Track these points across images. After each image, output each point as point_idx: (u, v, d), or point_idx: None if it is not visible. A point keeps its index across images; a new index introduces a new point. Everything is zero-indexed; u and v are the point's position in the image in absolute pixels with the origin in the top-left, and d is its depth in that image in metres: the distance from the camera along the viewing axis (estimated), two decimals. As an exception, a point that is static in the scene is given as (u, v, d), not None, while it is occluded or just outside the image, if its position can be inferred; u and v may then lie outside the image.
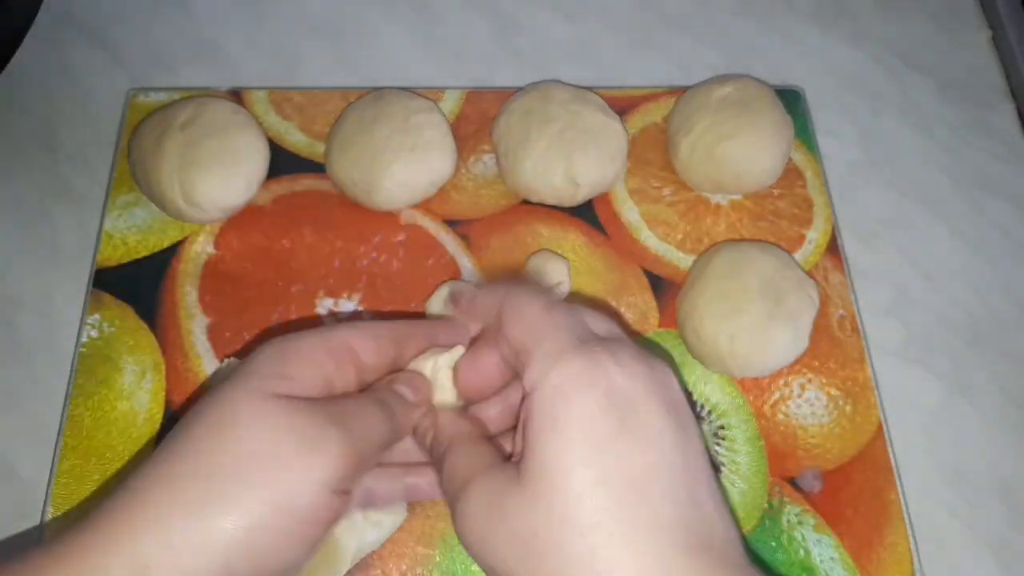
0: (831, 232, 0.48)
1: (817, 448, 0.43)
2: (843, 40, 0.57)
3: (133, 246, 0.46)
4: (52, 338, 0.45)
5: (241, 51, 0.55)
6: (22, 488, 0.41)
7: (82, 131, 0.51)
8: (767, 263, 0.43)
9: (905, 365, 0.46)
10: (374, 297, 0.45)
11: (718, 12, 0.58)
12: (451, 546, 0.40)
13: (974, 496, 0.43)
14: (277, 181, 0.48)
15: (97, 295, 0.45)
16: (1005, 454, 0.44)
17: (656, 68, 0.55)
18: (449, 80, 0.54)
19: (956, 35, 0.58)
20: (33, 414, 0.43)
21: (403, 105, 0.47)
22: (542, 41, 0.56)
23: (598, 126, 0.47)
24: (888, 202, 0.51)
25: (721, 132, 0.47)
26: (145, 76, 0.53)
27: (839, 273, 0.47)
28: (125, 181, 0.48)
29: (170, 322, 0.44)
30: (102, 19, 0.55)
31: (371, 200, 0.46)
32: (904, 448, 0.43)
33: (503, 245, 0.47)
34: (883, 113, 0.54)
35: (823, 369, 0.44)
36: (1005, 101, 0.55)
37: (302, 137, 0.50)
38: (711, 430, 0.43)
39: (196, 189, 0.44)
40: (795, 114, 0.51)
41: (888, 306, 0.48)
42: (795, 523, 0.41)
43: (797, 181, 0.50)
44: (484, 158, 0.50)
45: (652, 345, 0.45)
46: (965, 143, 0.53)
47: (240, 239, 0.47)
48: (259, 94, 0.51)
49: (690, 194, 0.49)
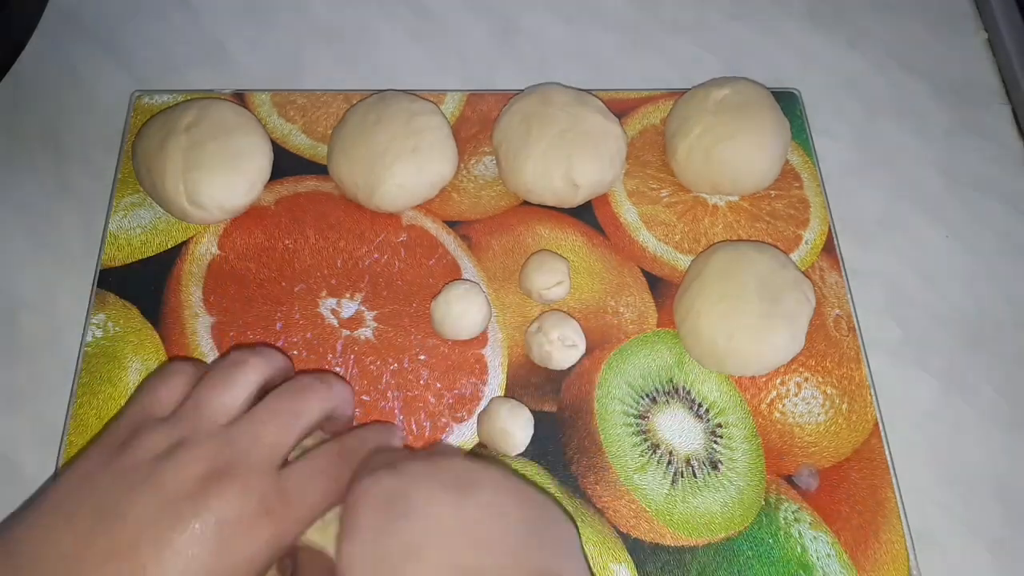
0: (827, 232, 0.49)
1: (813, 446, 0.43)
2: (840, 43, 0.57)
3: (137, 246, 0.47)
4: (57, 337, 0.46)
5: (245, 54, 0.55)
6: (27, 486, 0.42)
7: (87, 133, 0.52)
8: (764, 263, 0.44)
9: (901, 364, 0.47)
10: (376, 297, 0.46)
11: (715, 15, 0.58)
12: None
13: (969, 494, 0.44)
14: (280, 182, 0.49)
15: (102, 295, 0.45)
16: (1000, 452, 0.45)
17: (654, 71, 0.55)
18: (450, 82, 0.54)
19: (952, 37, 0.58)
20: (38, 413, 0.44)
21: (405, 107, 0.48)
22: (542, 44, 0.56)
23: (597, 128, 0.47)
24: (884, 203, 0.52)
25: (719, 134, 0.47)
26: (149, 78, 0.54)
27: (835, 273, 0.47)
28: (129, 182, 0.49)
29: (174, 321, 0.45)
30: (107, 22, 0.56)
31: (373, 201, 0.47)
32: (900, 446, 0.44)
33: (503, 245, 0.48)
34: (879, 115, 0.55)
35: (819, 368, 0.45)
36: (1000, 103, 0.55)
37: (305, 139, 0.50)
38: (709, 428, 0.43)
39: (200, 190, 0.45)
40: (792, 116, 0.51)
41: (884, 306, 0.48)
42: (792, 520, 0.41)
43: (794, 182, 0.50)
44: (485, 160, 0.50)
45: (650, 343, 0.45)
46: (960, 144, 0.54)
47: (244, 240, 0.47)
48: (262, 96, 0.52)
49: (688, 195, 0.50)
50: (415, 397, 0.43)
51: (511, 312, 0.46)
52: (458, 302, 0.43)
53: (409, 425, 0.43)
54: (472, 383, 0.44)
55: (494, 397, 0.43)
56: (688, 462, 0.42)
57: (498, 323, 0.45)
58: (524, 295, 0.46)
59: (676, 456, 0.42)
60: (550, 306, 0.46)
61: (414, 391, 0.43)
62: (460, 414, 0.43)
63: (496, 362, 0.44)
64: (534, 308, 0.46)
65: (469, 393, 0.44)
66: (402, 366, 0.44)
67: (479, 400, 0.43)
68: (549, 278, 0.45)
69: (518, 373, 0.44)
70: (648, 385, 0.44)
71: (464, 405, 0.43)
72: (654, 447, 0.42)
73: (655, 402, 0.44)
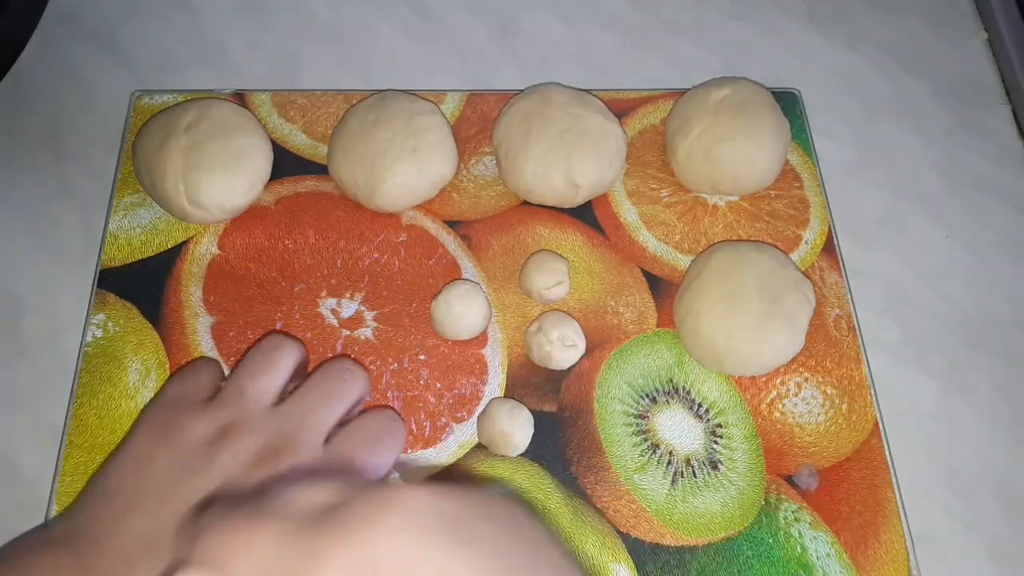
0: (827, 232, 0.49)
1: (813, 446, 0.43)
2: (840, 43, 0.57)
3: (138, 246, 0.47)
4: (57, 337, 0.46)
5: (245, 54, 0.55)
6: (26, 486, 0.42)
7: (87, 133, 0.52)
8: (764, 263, 0.44)
9: (901, 364, 0.47)
10: (376, 297, 0.46)
11: (716, 15, 0.58)
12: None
13: (969, 494, 0.44)
14: (280, 182, 0.49)
15: (102, 295, 0.45)
16: (1000, 452, 0.45)
17: (654, 71, 0.55)
18: (450, 82, 0.54)
19: (952, 37, 0.58)
20: (38, 413, 0.44)
21: (404, 107, 0.48)
22: (542, 44, 0.56)
23: (597, 128, 0.47)
24: (884, 203, 0.52)
25: (719, 134, 0.47)
26: (149, 78, 0.54)
27: (835, 273, 0.47)
28: (130, 182, 0.49)
29: (174, 321, 0.45)
30: (107, 21, 0.56)
31: (373, 201, 0.47)
32: (900, 446, 0.44)
33: (503, 245, 0.48)
34: (879, 115, 0.55)
35: (819, 368, 0.45)
36: (1000, 103, 0.55)
37: (305, 139, 0.50)
38: (709, 428, 0.43)
39: (200, 190, 0.45)
40: (792, 116, 0.51)
41: (884, 306, 0.48)
42: (792, 520, 0.41)
43: (794, 182, 0.50)
44: (485, 160, 0.50)
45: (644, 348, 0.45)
46: (960, 144, 0.54)
47: (244, 240, 0.47)
48: (262, 96, 0.52)
49: (688, 195, 0.50)
50: (415, 397, 0.43)
51: (511, 312, 0.46)
52: (458, 302, 0.43)
53: (409, 425, 0.43)
54: (472, 383, 0.44)
55: (493, 398, 0.43)
56: (688, 462, 0.42)
57: (498, 323, 0.46)
58: (524, 295, 0.46)
59: (676, 456, 0.42)
60: (550, 306, 0.46)
61: (414, 391, 0.43)
62: (460, 414, 0.43)
63: (496, 362, 0.44)
64: (534, 308, 0.46)
65: (469, 393, 0.44)
66: (402, 366, 0.44)
67: (479, 400, 0.43)
68: (549, 278, 0.45)
69: (518, 373, 0.44)
70: (648, 385, 0.44)
71: (464, 405, 0.43)
72: (654, 447, 0.42)
73: (655, 402, 0.44)
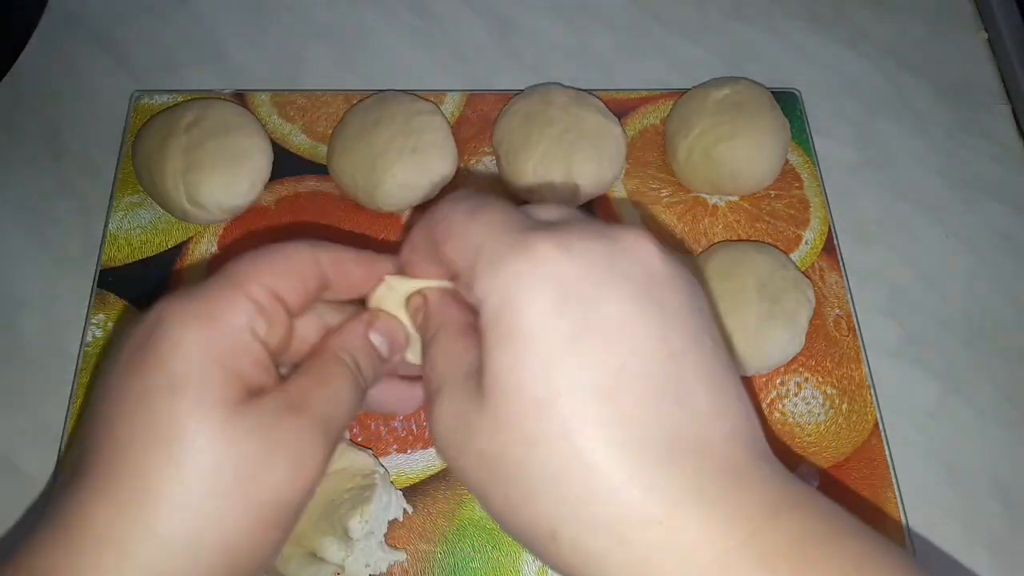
0: (827, 233, 0.49)
1: (813, 446, 0.43)
2: (840, 43, 0.57)
3: (138, 247, 0.47)
4: (57, 337, 0.46)
5: (245, 54, 0.55)
6: (26, 485, 0.42)
7: (87, 133, 0.52)
8: (764, 263, 0.44)
9: (901, 364, 0.47)
10: (376, 297, 0.46)
11: (716, 15, 0.58)
12: (452, 543, 0.40)
13: (970, 494, 0.44)
14: (280, 182, 0.49)
15: (102, 295, 0.45)
16: (1001, 452, 0.45)
17: (654, 71, 0.55)
18: (450, 82, 0.54)
19: (952, 37, 0.58)
20: (38, 413, 0.44)
21: (404, 107, 0.48)
22: (542, 44, 0.56)
23: (597, 128, 0.47)
24: (884, 203, 0.52)
25: (719, 134, 0.47)
26: (149, 79, 0.54)
27: (835, 273, 0.47)
28: (130, 182, 0.49)
29: (174, 322, 0.45)
30: (107, 22, 0.56)
31: (373, 201, 0.47)
32: (900, 446, 0.44)
33: (503, 246, 0.48)
34: (879, 115, 0.55)
35: (819, 368, 0.45)
36: (1000, 103, 0.55)
37: (305, 139, 0.50)
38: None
39: (200, 190, 0.45)
40: (792, 116, 0.51)
41: (884, 306, 0.48)
42: (792, 520, 0.41)
43: (794, 182, 0.50)
44: (485, 160, 0.50)
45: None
46: (961, 144, 0.54)
47: (244, 240, 0.47)
48: (262, 96, 0.52)
49: (688, 195, 0.50)
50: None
51: (511, 312, 0.46)
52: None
53: (409, 425, 0.43)
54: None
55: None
56: (688, 462, 0.42)
57: (498, 323, 0.45)
58: (524, 295, 0.46)
59: (676, 456, 0.42)
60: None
61: (414, 391, 0.43)
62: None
63: (496, 362, 0.44)
64: (534, 308, 0.46)
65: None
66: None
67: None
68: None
69: (518, 373, 0.44)
70: (648, 385, 0.44)
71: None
72: (654, 447, 0.42)
73: (655, 402, 0.43)
